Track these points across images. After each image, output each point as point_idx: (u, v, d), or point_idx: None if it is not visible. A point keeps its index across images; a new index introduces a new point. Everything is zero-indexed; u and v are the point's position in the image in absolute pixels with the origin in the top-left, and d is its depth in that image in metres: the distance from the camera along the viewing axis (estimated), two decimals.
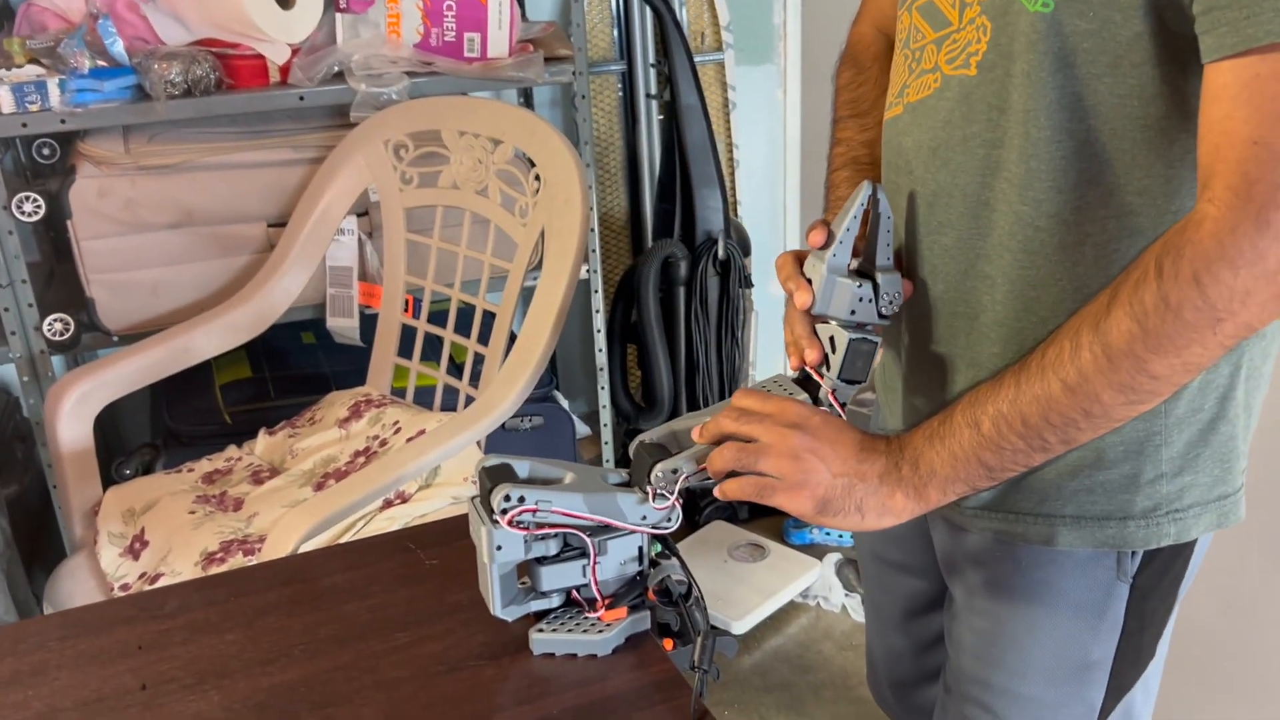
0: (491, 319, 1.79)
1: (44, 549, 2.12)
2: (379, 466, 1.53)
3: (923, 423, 0.86)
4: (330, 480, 1.67)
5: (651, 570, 0.93)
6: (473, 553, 0.92)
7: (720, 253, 2.47)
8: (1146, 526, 0.91)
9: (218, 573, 1.11)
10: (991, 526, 0.96)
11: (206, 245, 1.95)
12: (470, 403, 1.74)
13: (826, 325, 0.93)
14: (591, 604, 0.92)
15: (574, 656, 0.90)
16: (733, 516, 2.54)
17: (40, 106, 1.75)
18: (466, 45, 1.97)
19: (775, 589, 2.26)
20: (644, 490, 0.89)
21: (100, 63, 1.79)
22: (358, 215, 1.98)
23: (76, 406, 1.70)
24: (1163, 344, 0.73)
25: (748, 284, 2.56)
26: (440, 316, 1.89)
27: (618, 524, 0.89)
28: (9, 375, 2.20)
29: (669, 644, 0.92)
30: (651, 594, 0.92)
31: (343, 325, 2.02)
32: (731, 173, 2.86)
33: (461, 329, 1.86)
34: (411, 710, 0.85)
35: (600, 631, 0.90)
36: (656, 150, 2.62)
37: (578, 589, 0.92)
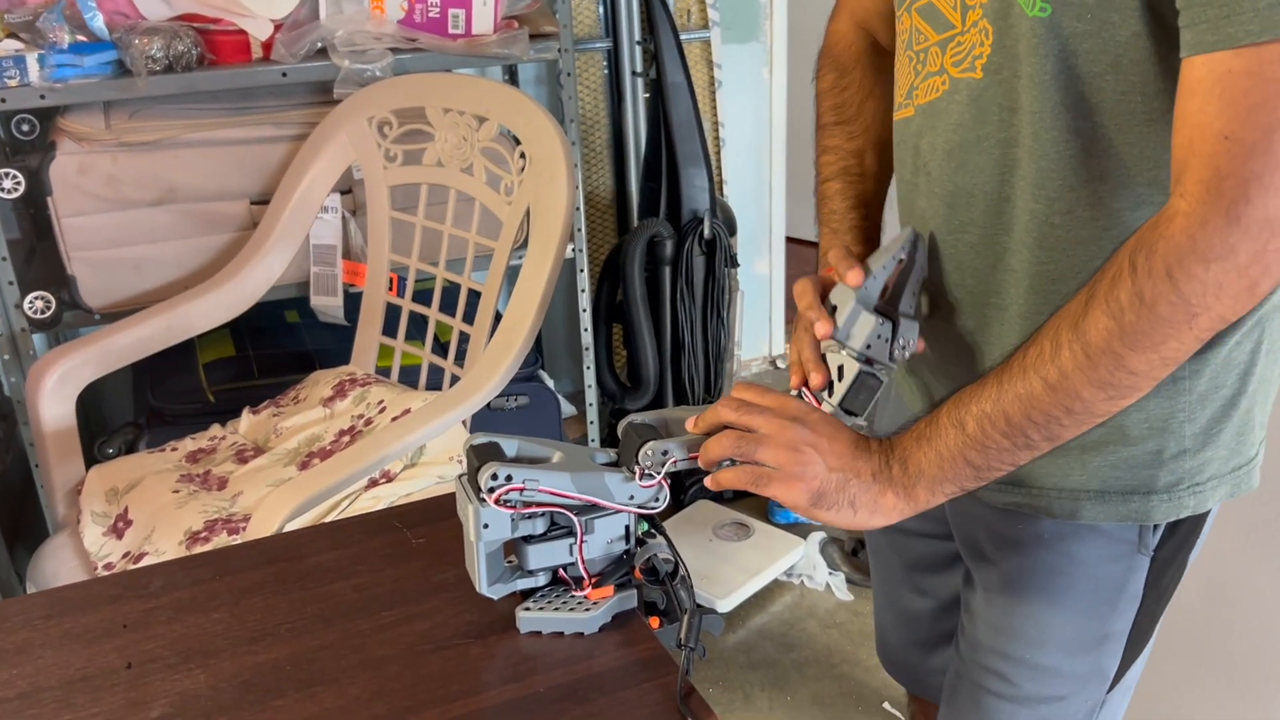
0: (477, 298, 1.79)
1: (26, 528, 2.11)
2: (364, 445, 1.52)
3: (912, 425, 0.88)
4: (315, 459, 1.67)
5: (638, 549, 0.93)
6: (459, 532, 0.92)
7: (706, 232, 2.47)
8: (1168, 500, 0.93)
9: (203, 551, 1.11)
10: (1014, 500, 0.97)
11: (189, 222, 1.93)
12: (455, 382, 1.73)
13: (837, 354, 0.94)
14: (578, 582, 0.92)
15: (561, 635, 0.91)
16: (718, 495, 2.55)
17: (19, 82, 1.73)
18: (451, 21, 1.96)
19: (759, 568, 2.28)
20: (631, 470, 0.89)
21: (80, 37, 1.77)
22: (341, 193, 1.97)
23: (58, 385, 1.69)
24: (1140, 340, 0.75)
25: (733, 263, 2.56)
26: (425, 295, 1.88)
27: (605, 503, 0.89)
28: None
29: (655, 622, 0.92)
30: (638, 573, 0.93)
31: (327, 304, 2.01)
32: (717, 151, 2.86)
33: (446, 308, 1.85)
34: (398, 688, 0.85)
35: (587, 610, 0.91)
36: (642, 128, 2.61)
37: (564, 567, 0.92)
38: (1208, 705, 1.58)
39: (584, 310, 2.33)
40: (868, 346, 0.92)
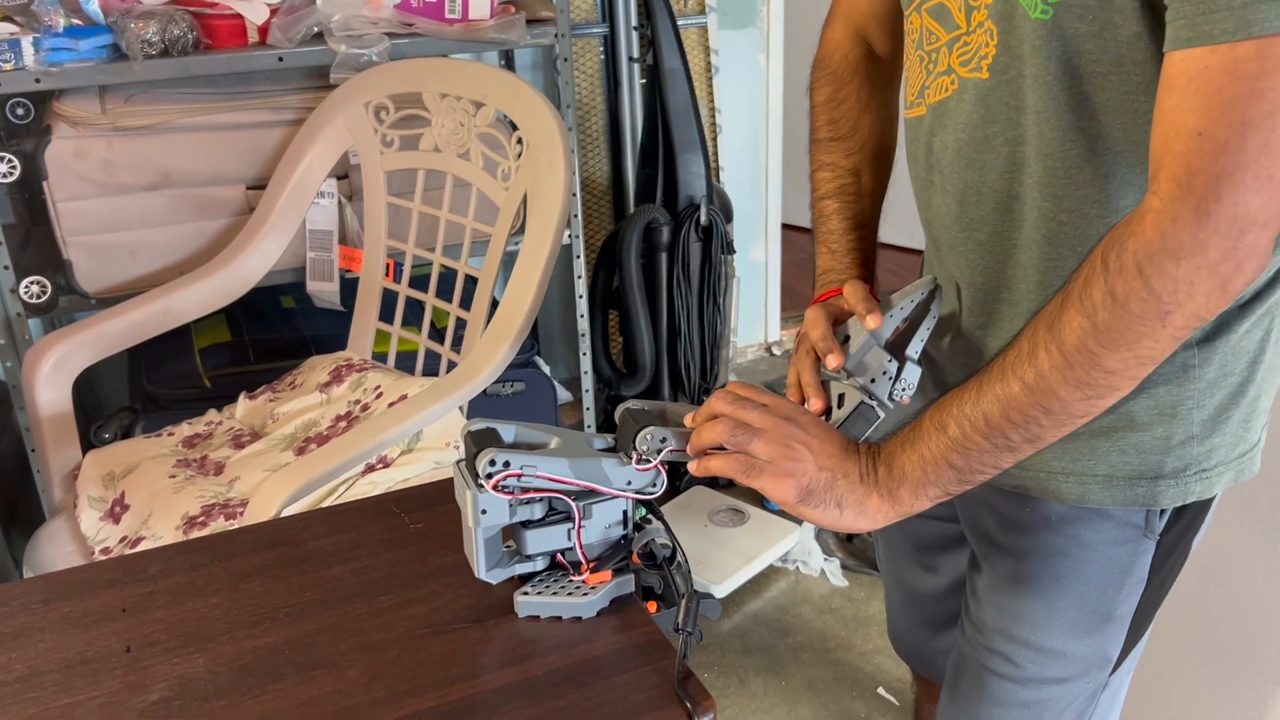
0: (473, 284, 1.79)
1: (22, 513, 2.11)
2: (361, 431, 1.52)
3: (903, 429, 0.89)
4: (312, 445, 1.67)
5: (636, 534, 0.94)
6: (457, 516, 0.92)
7: (702, 218, 2.47)
8: (1175, 485, 0.94)
9: (201, 536, 1.11)
10: (1022, 483, 0.98)
11: (185, 207, 1.93)
12: (452, 368, 1.73)
13: (839, 382, 0.96)
14: (576, 567, 0.92)
15: (559, 619, 0.91)
16: (713, 482, 2.56)
17: (14, 65, 1.72)
18: (448, 6, 1.95)
19: (755, 553, 2.28)
20: (629, 455, 0.89)
21: (75, 21, 1.77)
22: (338, 178, 1.96)
23: (54, 370, 1.68)
24: (1113, 338, 0.75)
25: (730, 250, 2.56)
26: (422, 281, 1.88)
27: (602, 489, 0.90)
28: None
29: (653, 607, 0.93)
30: (636, 557, 0.93)
31: (323, 289, 2.01)
32: (714, 138, 2.85)
33: (443, 294, 1.85)
34: (397, 672, 0.86)
35: (585, 594, 0.91)
36: (639, 114, 2.61)
37: (563, 552, 0.92)
38: (1201, 689, 1.59)
39: (580, 296, 2.33)
40: (872, 381, 0.94)
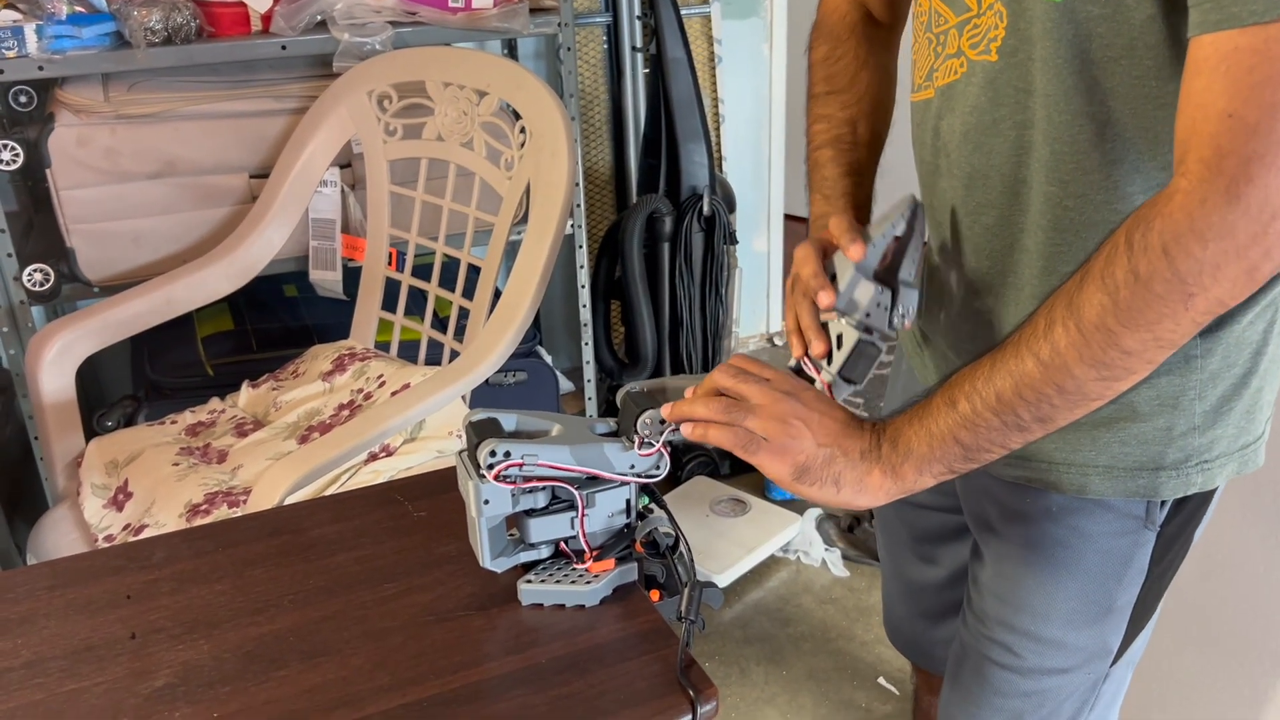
0: (476, 273, 1.79)
1: (25, 501, 2.11)
2: (364, 420, 1.53)
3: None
4: (314, 433, 1.67)
5: (639, 523, 0.94)
6: (460, 505, 0.93)
7: (705, 208, 2.47)
8: (1176, 476, 0.93)
9: (205, 524, 1.11)
10: (1023, 474, 0.98)
11: (188, 196, 1.93)
12: (455, 357, 1.74)
13: (836, 322, 0.94)
14: (579, 555, 0.93)
15: (562, 607, 0.91)
16: (715, 472, 2.56)
17: (17, 53, 1.72)
18: None
19: (756, 543, 2.29)
20: (631, 438, 0.89)
21: (78, 8, 1.76)
22: (341, 167, 1.96)
23: (58, 357, 1.69)
24: (1134, 317, 0.74)
25: (732, 240, 2.56)
26: (424, 270, 1.88)
27: (604, 474, 0.90)
28: None
29: (655, 595, 0.93)
30: (639, 546, 0.93)
31: (325, 278, 2.01)
32: (717, 128, 2.85)
33: (446, 283, 1.85)
34: (401, 659, 0.86)
35: (588, 583, 0.91)
36: (642, 104, 2.61)
37: (566, 541, 0.93)
38: (1202, 681, 1.60)
39: (583, 286, 2.33)
40: (867, 315, 0.92)
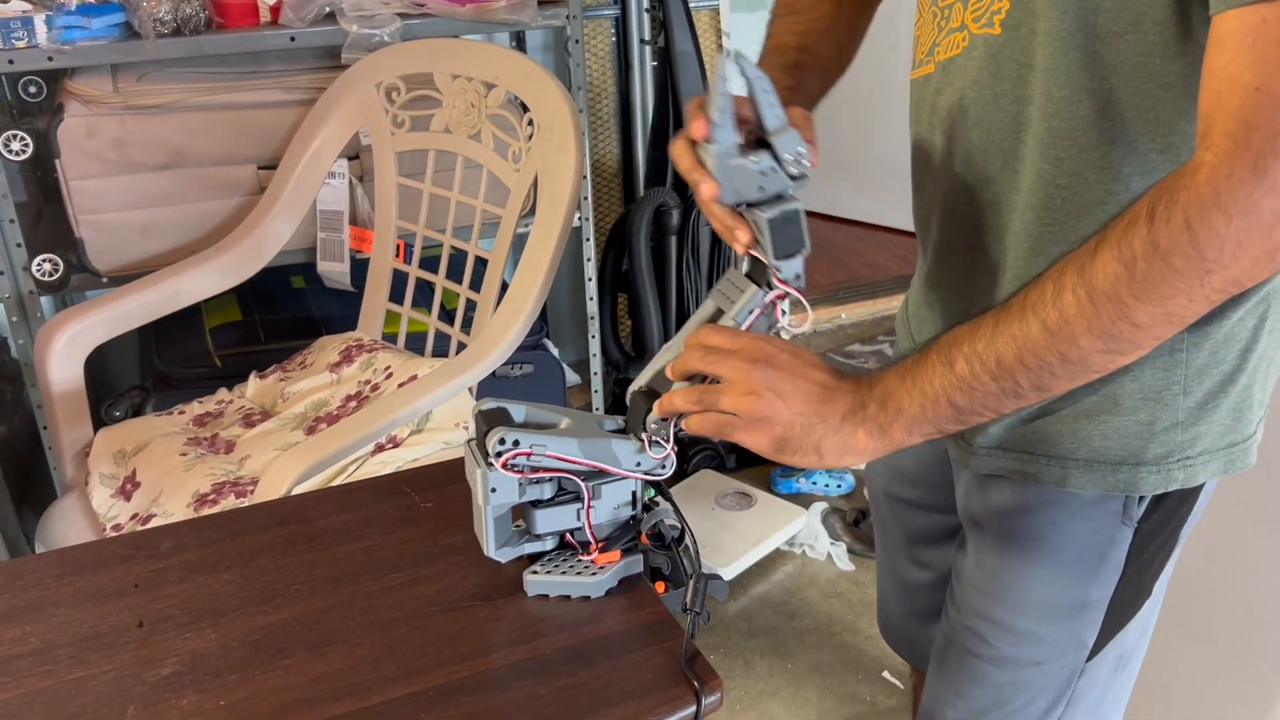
0: (483, 265, 1.79)
1: (33, 490, 2.12)
2: (371, 411, 1.53)
3: (902, 360, 0.85)
4: (322, 424, 1.68)
5: (645, 515, 0.94)
6: (467, 496, 0.93)
7: None
8: (1157, 472, 0.92)
9: (213, 513, 1.12)
10: (1005, 466, 0.97)
11: (196, 187, 1.93)
12: (462, 349, 1.74)
13: (745, 211, 0.89)
14: (585, 547, 0.93)
15: (567, 598, 0.92)
16: (720, 465, 2.56)
17: (27, 43, 1.72)
18: None
19: (761, 537, 2.29)
20: (639, 438, 0.90)
21: None
22: (349, 159, 1.96)
23: (66, 347, 1.69)
24: (1148, 290, 0.72)
25: None
26: (432, 262, 1.88)
27: (611, 469, 0.90)
28: None
29: (661, 587, 0.93)
30: (644, 538, 0.94)
31: (333, 269, 2.02)
32: None
33: (453, 275, 1.86)
34: (406, 649, 0.86)
35: (593, 574, 0.92)
36: (650, 97, 2.60)
37: (572, 532, 0.93)
38: (1205, 679, 1.60)
39: (589, 279, 2.33)
40: (761, 189, 0.85)
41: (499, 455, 0.86)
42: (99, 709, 0.81)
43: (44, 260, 1.86)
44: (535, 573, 0.92)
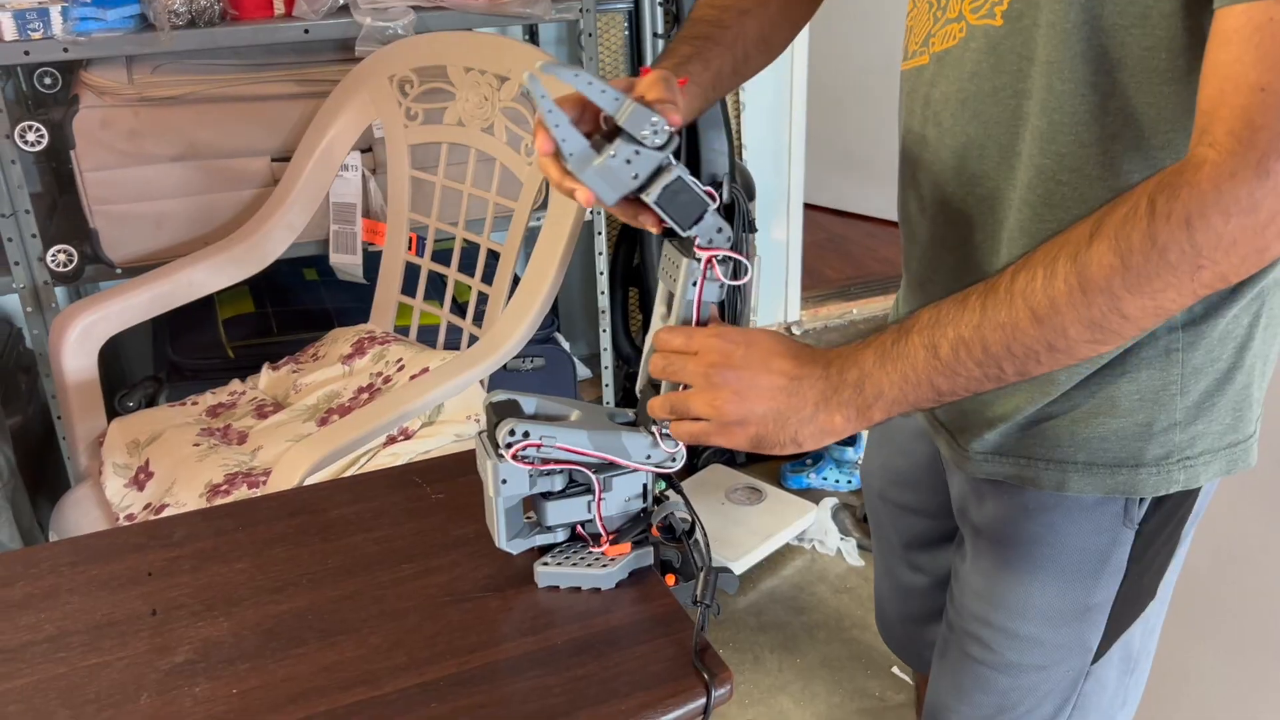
0: (495, 258, 1.79)
1: (47, 479, 2.13)
2: (383, 403, 1.53)
3: (874, 338, 0.84)
4: (334, 416, 1.69)
5: (655, 507, 0.94)
6: (478, 488, 0.93)
7: (725, 196, 2.46)
8: (1157, 474, 0.91)
9: (225, 503, 1.12)
10: (1001, 471, 0.96)
11: (210, 179, 1.94)
12: (473, 342, 1.74)
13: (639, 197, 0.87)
14: (596, 539, 0.93)
15: (578, 590, 0.92)
16: (731, 460, 2.56)
17: (42, 34, 1.73)
18: None
19: (771, 531, 2.29)
20: (650, 432, 0.90)
21: None
22: (362, 151, 1.97)
23: (81, 338, 1.70)
24: (1141, 284, 0.72)
25: (751, 228, 2.56)
26: (444, 255, 1.89)
27: (621, 461, 0.90)
28: (12, 306, 2.20)
29: (671, 579, 0.94)
30: (655, 530, 0.94)
31: (346, 262, 2.02)
32: (737, 115, 2.84)
33: (465, 268, 1.86)
34: (417, 639, 0.87)
35: (604, 566, 0.92)
36: None
37: (582, 524, 0.93)
38: (1217, 679, 1.59)
39: (601, 273, 2.33)
40: (634, 177, 0.84)
41: (509, 446, 0.86)
42: (113, 695, 0.82)
43: (59, 251, 1.87)
44: (546, 564, 0.92)
